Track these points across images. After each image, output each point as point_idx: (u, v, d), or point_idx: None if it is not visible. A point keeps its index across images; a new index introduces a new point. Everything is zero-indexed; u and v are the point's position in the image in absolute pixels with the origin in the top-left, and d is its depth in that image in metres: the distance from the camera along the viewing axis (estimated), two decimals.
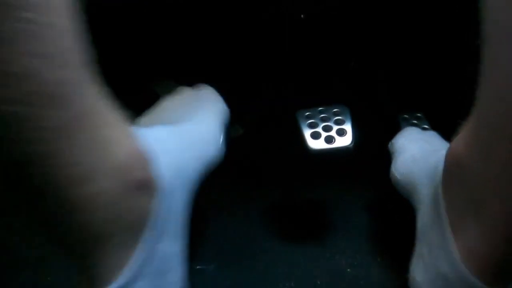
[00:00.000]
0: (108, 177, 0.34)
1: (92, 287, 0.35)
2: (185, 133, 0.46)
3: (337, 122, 0.55)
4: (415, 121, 0.66)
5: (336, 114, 0.56)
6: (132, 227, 0.37)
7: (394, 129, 0.62)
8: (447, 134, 0.47)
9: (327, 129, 0.54)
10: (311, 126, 0.54)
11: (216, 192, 0.66)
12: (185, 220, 0.44)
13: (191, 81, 0.56)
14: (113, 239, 0.35)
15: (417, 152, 0.55)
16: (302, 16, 0.62)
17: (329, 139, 0.53)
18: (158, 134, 0.42)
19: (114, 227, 0.35)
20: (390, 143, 0.61)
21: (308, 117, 0.55)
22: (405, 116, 0.67)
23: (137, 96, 0.67)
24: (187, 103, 0.53)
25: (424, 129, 0.65)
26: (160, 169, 0.39)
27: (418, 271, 0.46)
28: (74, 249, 0.35)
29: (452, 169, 0.43)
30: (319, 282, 0.54)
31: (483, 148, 0.38)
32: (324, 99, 0.59)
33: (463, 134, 0.43)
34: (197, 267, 0.57)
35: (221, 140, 0.50)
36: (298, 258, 0.57)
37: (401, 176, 0.54)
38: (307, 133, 0.53)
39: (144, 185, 0.37)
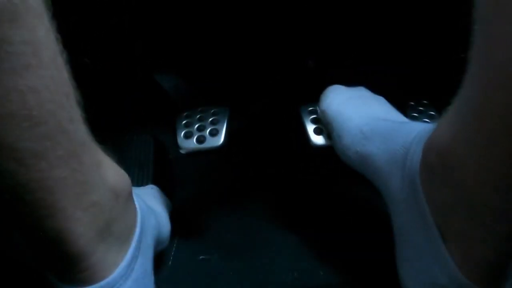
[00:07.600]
0: (103, 191, 0.38)
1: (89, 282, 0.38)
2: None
3: None
4: (421, 108, 0.65)
5: None
6: (124, 231, 0.41)
7: None
8: None
9: None
10: (314, 121, 0.53)
11: (220, 184, 0.66)
12: (153, 253, 0.47)
13: (194, 75, 0.55)
14: (108, 241, 0.39)
15: (364, 124, 0.50)
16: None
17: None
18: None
19: (109, 231, 0.39)
20: (319, 111, 0.54)
21: (311, 112, 0.54)
22: (412, 103, 0.66)
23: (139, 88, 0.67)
24: None
25: (431, 116, 0.64)
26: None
27: (410, 279, 0.44)
28: (70, 251, 0.36)
29: (434, 167, 0.38)
30: (322, 273, 0.54)
31: (473, 142, 0.33)
32: None
33: (444, 128, 0.38)
34: (201, 257, 0.57)
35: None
36: (301, 249, 0.57)
37: (356, 154, 0.50)
38: (310, 128, 0.53)
39: (131, 199, 0.43)
